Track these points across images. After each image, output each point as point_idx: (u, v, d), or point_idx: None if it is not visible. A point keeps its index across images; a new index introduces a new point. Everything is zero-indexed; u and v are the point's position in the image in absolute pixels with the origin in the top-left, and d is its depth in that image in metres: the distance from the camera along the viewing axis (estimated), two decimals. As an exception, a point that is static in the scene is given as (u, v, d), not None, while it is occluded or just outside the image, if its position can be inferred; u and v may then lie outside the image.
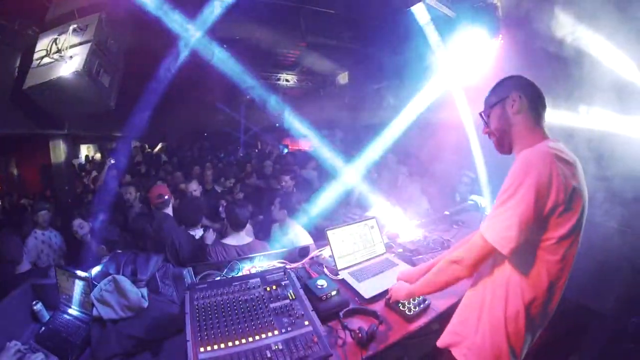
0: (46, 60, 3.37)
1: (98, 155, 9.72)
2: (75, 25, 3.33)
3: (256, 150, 12.41)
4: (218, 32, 5.22)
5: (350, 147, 7.77)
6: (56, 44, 3.34)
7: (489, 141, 1.56)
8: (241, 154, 10.69)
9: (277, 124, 17.70)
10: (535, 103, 1.40)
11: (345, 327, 1.75)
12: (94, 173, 5.87)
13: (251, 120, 13.39)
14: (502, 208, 1.23)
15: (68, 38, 3.33)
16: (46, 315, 2.09)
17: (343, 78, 10.57)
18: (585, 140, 2.91)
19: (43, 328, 2.01)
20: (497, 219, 1.24)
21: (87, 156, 9.39)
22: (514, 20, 3.64)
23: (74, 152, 6.47)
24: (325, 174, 5.45)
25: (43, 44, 3.48)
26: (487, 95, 1.53)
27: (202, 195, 4.66)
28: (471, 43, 3.95)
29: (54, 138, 5.08)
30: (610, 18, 2.87)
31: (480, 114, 1.54)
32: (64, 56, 3.26)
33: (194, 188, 4.60)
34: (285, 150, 11.40)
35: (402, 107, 5.61)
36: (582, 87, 3.01)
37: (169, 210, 3.49)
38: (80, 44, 3.34)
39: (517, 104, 1.38)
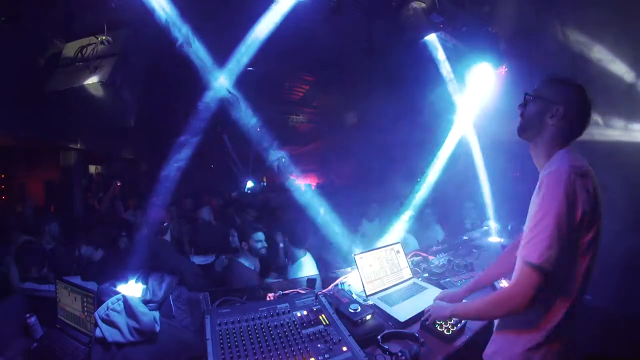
0: (71, 67, 3.24)
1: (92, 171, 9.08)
2: (103, 37, 3.24)
3: (263, 184, 12.07)
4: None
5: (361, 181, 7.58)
6: (82, 53, 3.24)
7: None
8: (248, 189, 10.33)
9: (283, 159, 17.61)
10: (570, 133, 1.35)
11: (386, 351, 1.55)
12: (100, 194, 5.52)
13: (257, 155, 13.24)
14: (536, 230, 1.20)
15: (96, 48, 3.22)
16: (40, 331, 1.79)
17: (352, 119, 10.59)
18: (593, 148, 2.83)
19: (35, 344, 1.72)
20: (536, 242, 1.19)
21: (90, 174, 8.83)
22: (516, 48, 3.68)
23: (82, 171, 6.15)
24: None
25: (69, 51, 3.38)
26: (544, 81, 1.42)
27: (214, 221, 4.41)
28: (479, 74, 3.97)
29: (66, 151, 4.80)
30: (613, 28, 2.88)
31: (525, 94, 1.44)
32: (89, 66, 3.14)
33: (205, 215, 4.30)
34: None
35: (417, 141, 5.56)
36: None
37: (167, 237, 3.25)
38: (107, 56, 3.22)
39: (556, 119, 1.33)
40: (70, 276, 2.28)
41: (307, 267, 3.04)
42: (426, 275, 2.54)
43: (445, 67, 4.13)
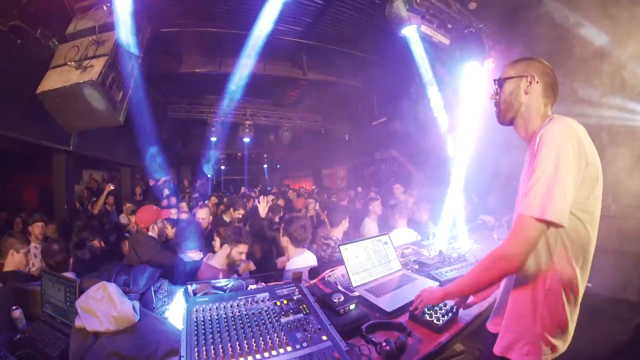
0: (63, 67, 3.32)
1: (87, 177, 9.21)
2: (95, 37, 3.33)
3: (257, 190, 12.19)
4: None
5: (354, 182, 7.64)
6: (75, 54, 3.31)
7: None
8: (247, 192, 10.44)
9: (278, 165, 17.79)
10: (548, 92, 1.42)
11: (369, 341, 1.48)
12: (93, 199, 5.61)
13: (253, 160, 13.36)
14: (535, 181, 1.19)
15: (87, 49, 3.32)
16: (24, 323, 1.84)
17: (350, 138, 10.68)
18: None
19: (18, 336, 1.76)
20: (535, 193, 1.18)
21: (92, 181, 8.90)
22: (503, 41, 3.70)
23: (75, 175, 6.27)
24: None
25: (62, 52, 3.46)
26: (506, 65, 1.50)
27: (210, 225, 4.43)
28: (467, 70, 3.99)
29: (58, 154, 4.89)
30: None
31: (494, 81, 1.52)
32: (80, 66, 3.22)
33: (202, 216, 4.32)
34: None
35: (404, 140, 5.57)
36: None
37: (154, 233, 3.28)
38: (98, 56, 3.31)
39: (531, 86, 1.40)
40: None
41: (310, 262, 3.02)
42: (417, 267, 2.49)
43: (426, 64, 4.17)
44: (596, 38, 2.99)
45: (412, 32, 3.37)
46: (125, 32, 3.38)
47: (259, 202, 5.16)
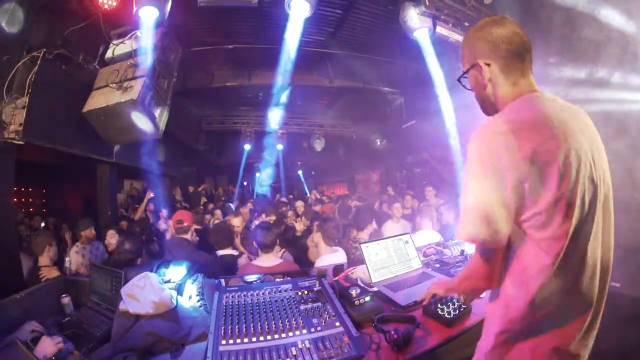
0: (105, 89, 3.88)
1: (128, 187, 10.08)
2: (132, 61, 3.87)
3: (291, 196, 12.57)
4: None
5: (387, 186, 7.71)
6: (115, 76, 3.86)
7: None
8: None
9: (312, 172, 18.15)
10: (510, 65, 1.16)
11: (379, 329, 1.61)
12: (136, 205, 6.25)
13: (289, 167, 13.80)
14: (465, 203, 1.07)
15: (126, 71, 3.85)
16: (72, 308, 2.15)
17: (381, 143, 10.82)
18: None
19: (67, 318, 2.07)
20: (462, 214, 1.09)
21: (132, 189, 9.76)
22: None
23: (117, 185, 6.98)
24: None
25: (103, 75, 4.02)
26: (461, 53, 1.30)
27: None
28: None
29: (102, 165, 5.56)
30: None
31: (458, 80, 1.33)
32: (121, 87, 3.73)
33: (237, 224, 4.63)
34: None
35: (434, 142, 5.59)
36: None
37: (188, 236, 3.52)
38: (136, 77, 3.83)
39: (486, 72, 1.18)
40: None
41: (334, 261, 3.21)
42: (438, 265, 2.58)
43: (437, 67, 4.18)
44: (619, 19, 2.86)
45: (424, 35, 3.42)
46: (158, 54, 3.87)
47: (295, 221, 5.45)
